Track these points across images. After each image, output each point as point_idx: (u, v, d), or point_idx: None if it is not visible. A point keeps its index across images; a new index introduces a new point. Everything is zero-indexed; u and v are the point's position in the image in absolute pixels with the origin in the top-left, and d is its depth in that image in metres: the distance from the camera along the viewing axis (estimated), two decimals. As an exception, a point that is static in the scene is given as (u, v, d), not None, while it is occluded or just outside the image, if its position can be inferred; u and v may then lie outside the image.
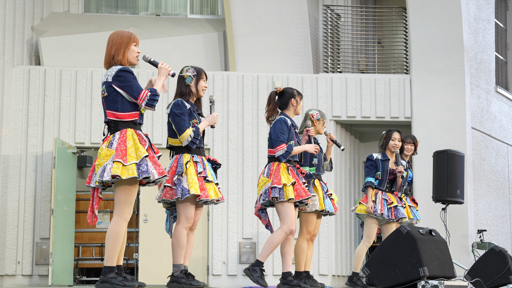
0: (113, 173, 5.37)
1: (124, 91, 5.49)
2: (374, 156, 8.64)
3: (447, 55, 12.06)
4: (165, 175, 5.55)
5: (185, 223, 6.30)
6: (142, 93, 5.47)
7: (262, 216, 7.01)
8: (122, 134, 5.49)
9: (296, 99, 7.06)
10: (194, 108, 6.45)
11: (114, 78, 5.49)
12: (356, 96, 12.16)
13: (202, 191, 6.25)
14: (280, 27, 12.50)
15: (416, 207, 9.13)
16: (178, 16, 13.42)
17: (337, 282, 11.90)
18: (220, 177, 11.70)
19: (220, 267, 11.53)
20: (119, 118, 5.51)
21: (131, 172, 5.39)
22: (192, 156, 6.35)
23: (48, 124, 11.58)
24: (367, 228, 8.57)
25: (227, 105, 11.90)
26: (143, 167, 5.43)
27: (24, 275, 11.28)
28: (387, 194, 8.59)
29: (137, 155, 5.44)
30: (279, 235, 6.80)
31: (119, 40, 5.62)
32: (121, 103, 5.52)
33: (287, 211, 6.80)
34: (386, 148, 8.72)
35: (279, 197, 6.74)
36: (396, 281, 6.50)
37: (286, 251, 6.99)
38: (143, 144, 5.51)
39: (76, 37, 12.37)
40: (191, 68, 6.49)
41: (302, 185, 6.84)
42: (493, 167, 13.00)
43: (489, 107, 13.10)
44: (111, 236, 5.50)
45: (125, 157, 5.41)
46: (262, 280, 6.75)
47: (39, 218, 11.37)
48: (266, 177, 6.86)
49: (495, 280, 8.09)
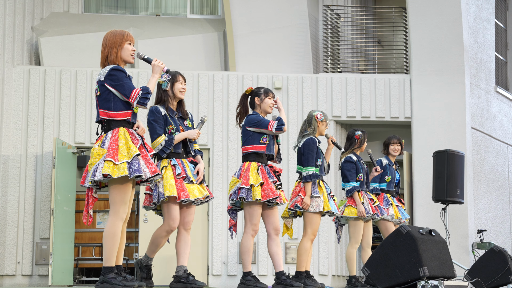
0: (104, 172, 5.38)
1: (116, 90, 5.49)
2: (354, 158, 8.62)
3: (447, 55, 12.06)
4: (157, 173, 5.54)
5: (168, 225, 6.33)
6: (134, 92, 5.47)
7: (231, 216, 7.05)
8: (114, 133, 5.49)
9: (261, 97, 7.07)
10: (173, 114, 6.47)
11: (107, 77, 5.50)
12: (356, 96, 12.16)
13: (182, 192, 6.25)
14: (280, 27, 12.50)
15: (403, 206, 9.16)
16: (178, 16, 13.42)
17: (337, 282, 11.90)
18: (220, 177, 11.70)
19: (220, 267, 11.53)
20: (111, 117, 5.52)
21: (122, 171, 5.38)
22: (170, 160, 6.37)
23: (48, 124, 11.58)
24: (354, 230, 8.57)
25: (227, 105, 11.90)
26: (134, 165, 5.42)
27: (24, 275, 11.28)
28: (369, 194, 8.67)
29: (128, 154, 5.43)
30: (247, 240, 6.84)
31: (112, 39, 5.61)
32: (114, 102, 5.51)
33: (252, 212, 6.82)
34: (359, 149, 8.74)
35: (246, 197, 6.77)
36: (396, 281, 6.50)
37: (274, 251, 6.99)
38: (135, 143, 5.49)
39: (76, 37, 12.37)
40: (166, 74, 6.53)
41: (271, 185, 6.82)
42: (493, 167, 13.01)
43: (489, 107, 13.11)
44: (108, 236, 5.50)
45: (116, 156, 5.41)
46: (260, 283, 6.76)
47: (39, 218, 11.37)
48: (237, 177, 6.91)
49: (495, 280, 8.09)
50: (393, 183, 9.10)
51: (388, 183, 9.04)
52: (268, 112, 7.09)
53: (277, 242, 7.00)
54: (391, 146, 9.11)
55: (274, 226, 6.99)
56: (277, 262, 7.00)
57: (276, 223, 7.00)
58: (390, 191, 9.07)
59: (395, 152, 9.16)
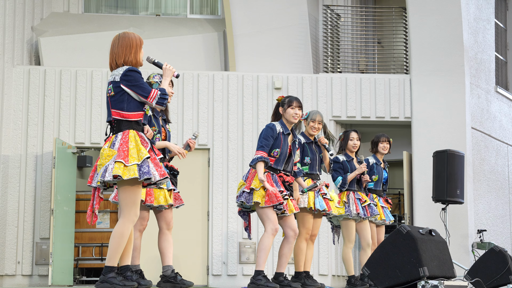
0: (115, 173, 5.39)
1: (132, 91, 5.52)
2: (340, 158, 8.62)
3: (447, 55, 12.06)
4: (166, 176, 5.57)
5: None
6: (152, 92, 5.53)
7: (243, 218, 7.07)
8: (124, 135, 5.52)
9: (284, 107, 7.03)
10: (157, 115, 6.54)
11: (122, 77, 5.52)
12: (356, 96, 12.16)
13: (148, 196, 6.51)
14: (280, 27, 12.50)
15: (389, 207, 9.13)
16: (178, 16, 13.42)
17: (337, 282, 11.90)
18: (220, 177, 11.70)
19: (220, 267, 11.53)
20: (124, 118, 5.54)
21: (132, 172, 5.40)
22: None
23: (48, 124, 11.58)
24: (346, 230, 8.55)
25: (227, 105, 11.89)
26: (144, 168, 5.45)
27: (24, 275, 11.28)
28: (358, 193, 8.63)
29: (138, 156, 5.46)
30: (266, 239, 6.81)
31: (129, 42, 5.62)
32: (127, 103, 5.55)
33: (266, 213, 6.80)
34: (346, 149, 8.73)
35: (246, 201, 6.78)
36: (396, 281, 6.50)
37: (283, 253, 7.00)
38: (145, 146, 5.53)
39: (76, 37, 12.37)
40: (158, 75, 6.59)
41: (276, 191, 6.77)
42: (493, 167, 13.01)
43: (489, 107, 13.11)
44: (115, 236, 5.50)
45: (127, 158, 5.43)
46: (270, 283, 6.76)
47: (39, 218, 11.37)
48: (244, 180, 6.93)
49: (495, 280, 8.09)
50: (380, 183, 9.07)
51: (375, 183, 8.99)
52: (292, 122, 6.99)
53: (292, 246, 7.00)
54: (380, 144, 9.10)
55: (292, 227, 6.97)
56: (281, 264, 7.03)
57: (294, 225, 6.99)
58: (377, 190, 9.02)
59: (385, 150, 9.13)
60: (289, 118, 6.97)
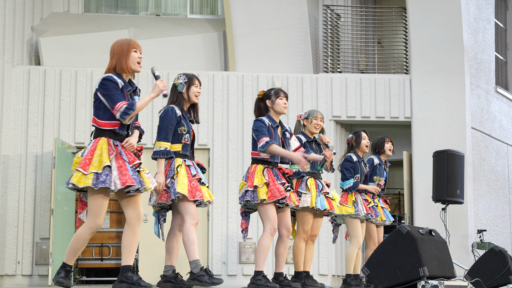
0: (71, 181, 5.46)
1: (105, 100, 5.54)
2: (354, 158, 8.61)
3: (447, 55, 12.06)
4: (132, 185, 5.46)
5: (191, 219, 6.31)
6: (117, 104, 5.49)
7: (244, 219, 7.05)
8: (94, 143, 5.53)
9: (272, 99, 7.03)
10: (186, 115, 6.48)
11: (99, 85, 5.59)
12: (356, 96, 12.16)
13: (197, 192, 6.28)
14: (280, 27, 12.50)
15: (388, 208, 9.13)
16: (178, 16, 13.42)
17: (337, 282, 11.90)
18: (220, 177, 11.70)
19: (220, 267, 11.53)
20: (98, 125, 5.57)
21: (88, 181, 5.41)
22: (184, 160, 6.39)
23: (48, 124, 11.58)
24: (353, 229, 8.54)
25: (227, 105, 11.90)
26: (102, 177, 5.42)
27: (24, 275, 11.28)
28: (363, 195, 8.65)
29: (100, 164, 5.45)
30: (265, 239, 6.81)
31: (119, 49, 5.65)
32: (103, 111, 5.57)
33: (266, 212, 6.79)
34: (358, 149, 8.72)
35: (252, 200, 6.76)
36: (396, 281, 6.50)
37: (280, 252, 7.02)
38: (110, 153, 5.48)
39: (76, 37, 12.38)
40: (183, 76, 6.54)
41: (278, 186, 6.77)
42: (493, 167, 13.01)
43: (489, 107, 13.11)
44: (74, 237, 5.62)
45: (87, 166, 5.44)
46: (270, 283, 6.76)
47: (39, 218, 11.37)
48: (244, 180, 6.90)
49: (495, 280, 8.09)
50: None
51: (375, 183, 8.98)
52: (282, 113, 7.00)
53: (286, 244, 7.01)
54: (386, 145, 9.07)
55: (287, 226, 6.97)
56: (279, 264, 7.04)
57: (288, 223, 6.99)
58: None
59: (391, 150, 9.15)
60: (279, 109, 6.97)
